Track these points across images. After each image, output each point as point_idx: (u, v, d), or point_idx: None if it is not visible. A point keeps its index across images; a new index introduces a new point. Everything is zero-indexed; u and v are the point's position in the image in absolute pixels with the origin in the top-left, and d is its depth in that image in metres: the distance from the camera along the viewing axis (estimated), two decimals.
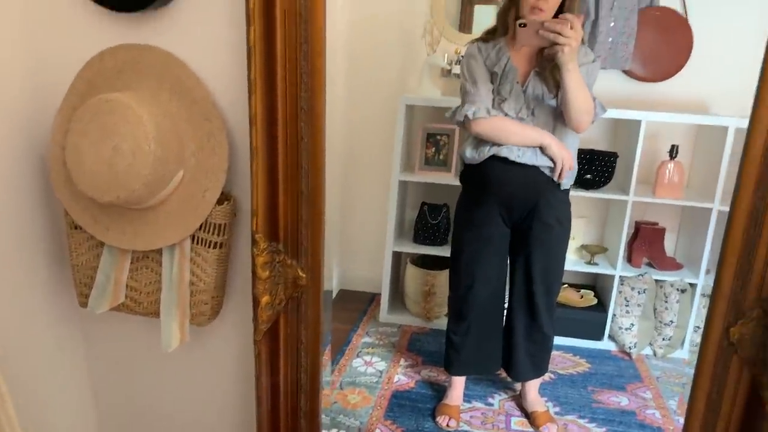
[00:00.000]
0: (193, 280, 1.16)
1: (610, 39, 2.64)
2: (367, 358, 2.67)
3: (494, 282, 2.12)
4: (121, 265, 1.19)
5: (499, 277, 2.13)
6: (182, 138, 1.10)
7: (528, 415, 2.22)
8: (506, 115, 1.87)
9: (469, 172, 2.03)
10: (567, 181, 1.96)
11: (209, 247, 1.14)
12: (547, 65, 1.83)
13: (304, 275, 1.08)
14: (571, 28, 1.64)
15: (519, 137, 1.85)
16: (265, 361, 1.11)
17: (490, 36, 1.95)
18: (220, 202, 1.13)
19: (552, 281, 2.10)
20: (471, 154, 1.95)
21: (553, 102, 1.87)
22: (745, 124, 0.95)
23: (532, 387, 2.27)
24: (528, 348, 2.18)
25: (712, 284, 1.02)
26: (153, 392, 1.40)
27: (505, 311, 2.21)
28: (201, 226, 1.14)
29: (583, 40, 1.75)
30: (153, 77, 1.11)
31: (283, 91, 0.98)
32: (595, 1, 2.58)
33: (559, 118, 1.88)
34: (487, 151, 1.89)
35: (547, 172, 1.90)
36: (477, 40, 1.98)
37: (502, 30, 1.92)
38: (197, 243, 1.15)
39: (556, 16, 1.77)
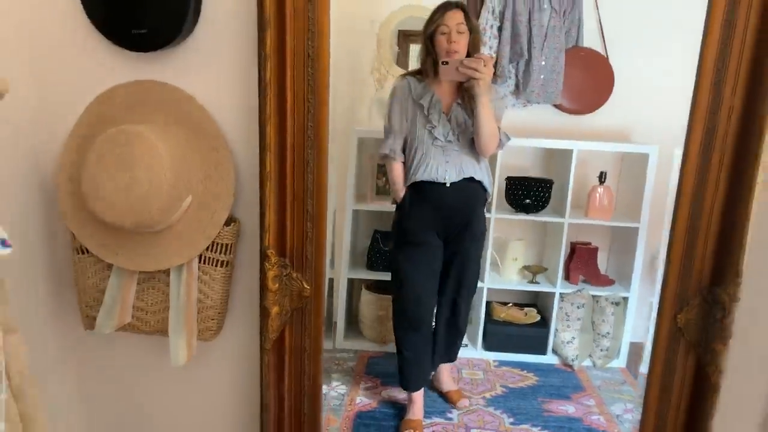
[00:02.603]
0: (200, 297, 1.24)
1: (542, 76, 2.89)
2: (328, 383, 2.74)
3: (434, 290, 2.37)
4: (128, 286, 1.26)
5: (435, 285, 2.38)
6: (191, 166, 1.20)
7: (443, 395, 2.51)
8: (436, 138, 2.14)
9: (404, 197, 2.25)
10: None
11: (216, 265, 1.24)
12: (467, 96, 2.12)
13: (308, 287, 1.19)
14: (485, 65, 1.95)
15: (391, 183, 2.28)
16: (273, 368, 1.20)
17: (418, 73, 2.24)
18: (226, 223, 1.23)
19: (474, 285, 2.45)
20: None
21: None
22: (663, 150, 1.16)
23: (446, 370, 2.54)
24: (447, 341, 2.49)
25: (639, 297, 1.22)
26: (153, 408, 1.45)
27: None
28: (208, 247, 1.23)
29: (495, 78, 2.15)
30: (162, 111, 1.21)
31: (292, 122, 1.11)
32: (527, 42, 2.84)
33: None
34: (419, 176, 2.15)
35: (473, 186, 2.19)
36: (409, 74, 2.23)
37: (425, 71, 2.20)
38: (204, 263, 1.24)
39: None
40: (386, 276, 3.05)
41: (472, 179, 2.17)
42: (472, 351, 2.89)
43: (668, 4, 2.41)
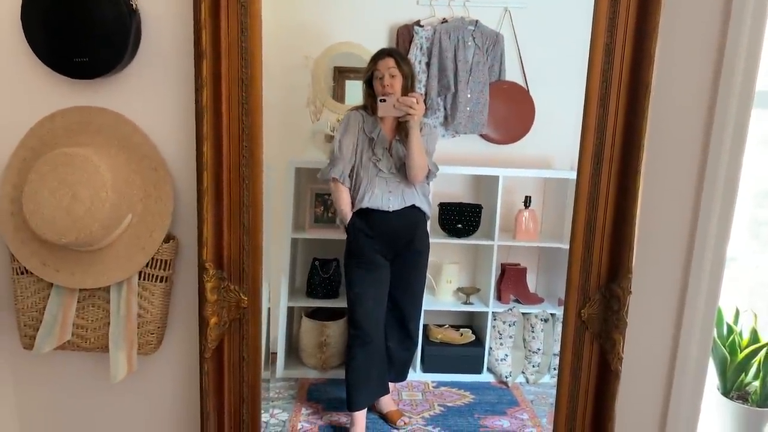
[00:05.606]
0: (140, 312, 1.30)
1: (468, 108, 3.06)
2: (269, 410, 2.75)
3: (382, 306, 2.53)
4: (69, 303, 1.29)
5: (383, 302, 2.54)
6: (131, 186, 1.27)
7: (383, 416, 2.59)
8: (380, 170, 2.36)
9: (351, 223, 2.44)
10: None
11: (156, 281, 1.30)
12: (403, 134, 2.34)
13: (245, 298, 1.26)
14: (417, 102, 2.21)
15: (337, 206, 2.46)
16: (212, 377, 1.26)
17: (365, 109, 2.44)
18: (165, 240, 1.29)
19: (420, 293, 2.64)
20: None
21: None
22: None
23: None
24: (401, 354, 2.66)
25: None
26: (95, 425, 1.47)
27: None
28: (148, 263, 1.29)
29: (426, 114, 2.41)
30: (102, 135, 1.28)
31: (227, 142, 1.20)
32: (454, 76, 3.02)
33: None
34: (364, 203, 2.36)
35: (413, 212, 2.39)
36: (360, 107, 2.38)
37: (370, 108, 2.41)
38: (144, 279, 1.30)
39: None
40: (326, 303, 3.11)
41: (413, 206, 2.39)
42: (411, 373, 2.97)
43: (580, 41, 2.64)
